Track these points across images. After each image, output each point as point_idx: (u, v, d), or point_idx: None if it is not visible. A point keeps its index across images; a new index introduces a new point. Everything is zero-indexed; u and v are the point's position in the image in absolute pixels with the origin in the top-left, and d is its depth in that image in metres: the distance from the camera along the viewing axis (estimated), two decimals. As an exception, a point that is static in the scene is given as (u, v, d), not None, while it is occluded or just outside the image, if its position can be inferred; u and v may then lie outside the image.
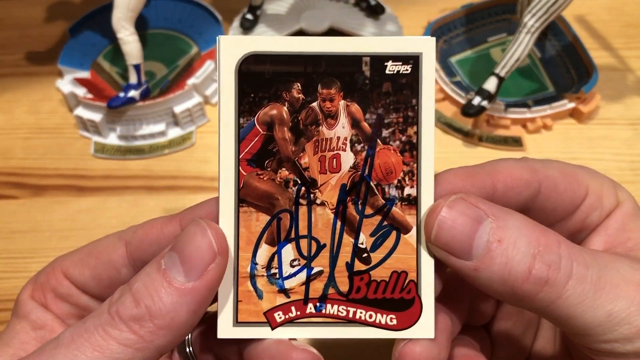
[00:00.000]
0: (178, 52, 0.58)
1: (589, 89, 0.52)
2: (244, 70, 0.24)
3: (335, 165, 0.25)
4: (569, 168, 0.26)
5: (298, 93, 0.24)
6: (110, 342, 0.21)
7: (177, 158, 0.52)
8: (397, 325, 0.24)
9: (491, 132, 0.52)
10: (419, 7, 0.63)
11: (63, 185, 0.50)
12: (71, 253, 0.28)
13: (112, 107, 0.50)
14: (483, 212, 0.23)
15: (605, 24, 0.61)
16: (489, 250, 0.22)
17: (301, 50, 0.24)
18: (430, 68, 0.24)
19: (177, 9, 0.61)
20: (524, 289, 0.22)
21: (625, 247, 0.25)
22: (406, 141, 0.24)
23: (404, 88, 0.24)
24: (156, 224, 0.27)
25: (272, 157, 0.25)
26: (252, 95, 0.24)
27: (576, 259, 0.23)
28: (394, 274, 0.24)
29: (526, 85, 0.55)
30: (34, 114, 0.55)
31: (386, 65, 0.24)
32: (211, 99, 0.55)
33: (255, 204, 0.24)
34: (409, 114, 0.24)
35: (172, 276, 0.22)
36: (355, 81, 0.24)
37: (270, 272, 0.25)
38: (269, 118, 0.24)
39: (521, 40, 0.48)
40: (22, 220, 0.48)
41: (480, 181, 0.25)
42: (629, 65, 0.57)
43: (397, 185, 0.25)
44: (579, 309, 0.22)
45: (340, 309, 0.25)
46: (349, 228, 0.25)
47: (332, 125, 0.24)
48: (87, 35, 0.59)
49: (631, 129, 0.52)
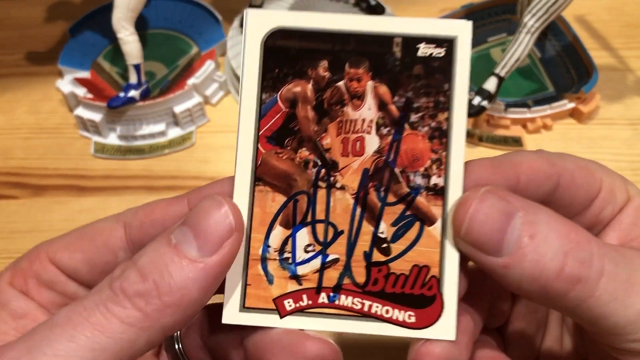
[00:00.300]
0: (178, 52, 0.58)
1: (589, 89, 0.52)
2: (269, 45, 0.23)
3: (358, 148, 0.24)
4: (583, 162, 0.26)
5: (324, 71, 0.23)
6: (113, 320, 0.20)
7: (177, 158, 0.52)
8: (415, 323, 0.23)
9: (491, 132, 0.52)
10: (419, 7, 0.63)
11: (63, 185, 0.50)
12: (59, 237, 0.25)
13: (112, 107, 0.50)
14: (513, 206, 0.22)
15: (605, 24, 0.61)
16: (520, 247, 0.21)
17: (330, 27, 0.23)
18: (465, 53, 0.23)
19: (177, 9, 0.61)
20: (555, 288, 0.21)
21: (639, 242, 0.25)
22: (436, 127, 0.23)
23: (436, 72, 0.23)
24: (160, 204, 0.25)
25: (292, 135, 0.24)
26: (277, 70, 0.23)
27: (606, 255, 0.22)
28: (414, 267, 0.23)
29: (526, 85, 0.55)
30: (34, 114, 0.55)
31: (418, 47, 0.23)
32: (211, 99, 0.55)
33: (272, 184, 0.23)
34: (440, 99, 0.23)
35: (184, 251, 0.21)
36: (385, 62, 0.23)
37: (282, 256, 0.23)
38: (292, 95, 0.23)
39: (521, 40, 0.48)
40: (22, 220, 0.48)
41: (505, 173, 0.23)
42: (629, 65, 0.57)
43: (424, 174, 0.23)
44: (610, 307, 0.21)
45: (354, 301, 0.23)
46: (369, 215, 0.23)
47: (358, 106, 0.23)
48: (87, 35, 0.59)
49: (631, 129, 0.52)
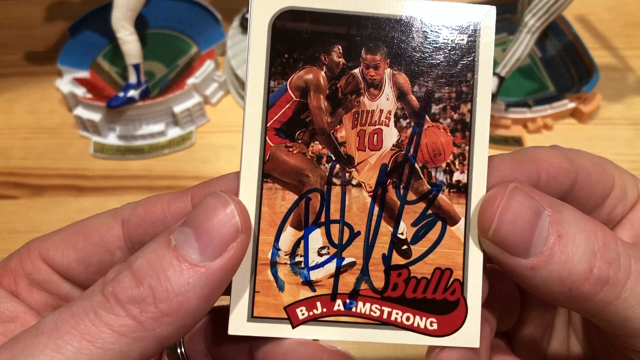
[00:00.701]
0: (178, 51, 0.58)
1: (589, 89, 0.52)
2: (278, 27, 0.21)
3: (375, 142, 0.22)
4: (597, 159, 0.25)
5: (339, 57, 0.21)
6: (103, 329, 0.18)
7: (177, 158, 0.52)
8: (437, 330, 0.21)
9: (492, 132, 0.52)
10: (419, 6, 0.63)
11: (62, 185, 0.50)
12: (51, 234, 0.23)
13: (111, 107, 0.50)
14: (540, 204, 0.20)
15: (606, 23, 0.61)
16: (548, 247, 0.20)
17: (346, 9, 0.21)
18: (489, 40, 0.21)
19: (177, 8, 0.61)
20: (583, 290, 0.20)
21: None
22: (458, 120, 0.22)
23: (459, 60, 0.21)
24: (161, 199, 0.23)
25: (304, 127, 0.22)
26: (287, 55, 0.21)
27: (632, 255, 0.21)
28: (437, 270, 0.21)
29: (527, 85, 0.55)
30: (34, 113, 0.55)
31: (440, 33, 0.21)
32: (211, 98, 0.55)
33: (282, 180, 0.21)
34: (462, 89, 0.21)
35: (185, 253, 0.19)
36: (404, 49, 0.21)
37: (294, 260, 0.21)
38: (303, 83, 0.21)
39: (522, 40, 0.48)
40: (22, 220, 0.48)
41: (527, 169, 0.22)
42: (630, 65, 0.57)
43: (446, 169, 0.22)
44: (637, 309, 0.20)
45: (373, 308, 0.21)
46: (387, 215, 0.22)
47: (375, 96, 0.22)
48: (87, 35, 0.59)
49: (632, 129, 0.52)
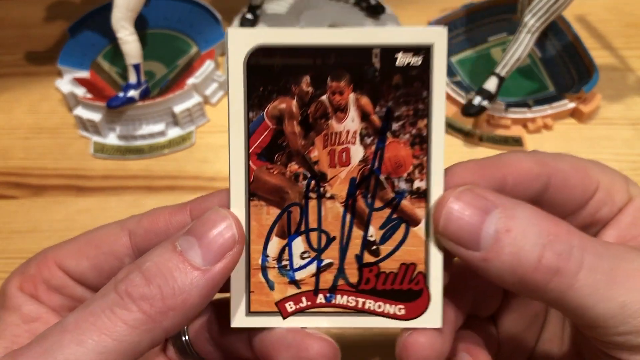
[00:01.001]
0: (178, 51, 0.58)
1: (589, 89, 0.52)
2: (252, 64, 0.24)
3: (344, 159, 0.25)
4: (580, 162, 0.26)
5: (307, 86, 0.24)
6: (118, 324, 0.21)
7: (177, 158, 0.52)
8: (405, 315, 0.25)
9: (492, 132, 0.52)
10: (419, 6, 0.63)
11: (62, 185, 0.50)
12: (65, 243, 0.27)
13: (111, 107, 0.50)
14: (491, 203, 0.23)
15: (606, 23, 0.61)
16: (498, 240, 0.22)
17: (310, 42, 0.23)
18: (441, 59, 0.23)
19: (177, 8, 0.61)
20: (534, 279, 0.22)
21: (638, 241, 0.25)
22: (416, 134, 0.24)
23: (415, 80, 0.24)
24: (163, 212, 0.26)
25: (281, 151, 0.25)
26: (261, 88, 0.24)
27: (588, 249, 0.22)
28: (402, 265, 0.25)
29: (527, 85, 0.55)
30: (34, 113, 0.55)
31: (396, 57, 0.23)
32: (211, 98, 0.55)
33: (266, 198, 0.25)
34: (419, 106, 0.24)
35: (190, 258, 0.22)
36: (365, 73, 0.24)
37: (281, 264, 0.25)
38: (278, 112, 0.24)
39: (522, 40, 0.48)
40: (22, 220, 0.48)
41: (490, 174, 0.24)
42: (630, 65, 0.57)
43: (407, 179, 0.24)
44: (591, 299, 0.22)
45: (349, 299, 0.25)
46: (358, 221, 0.25)
47: (341, 118, 0.24)
48: (87, 35, 0.59)
49: (632, 129, 0.52)
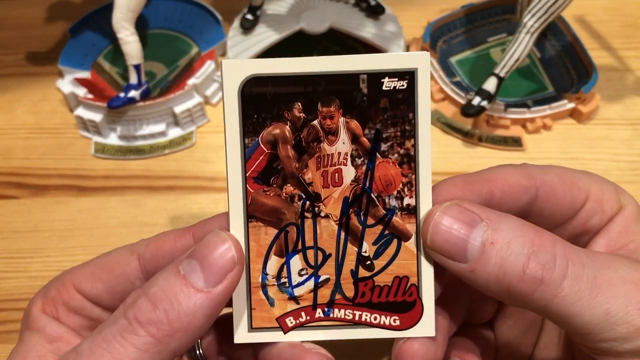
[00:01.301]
0: (178, 52, 0.58)
1: (588, 89, 0.52)
2: (246, 93, 0.25)
3: (337, 180, 0.26)
4: (569, 173, 0.27)
5: (299, 112, 0.25)
6: (129, 349, 0.22)
7: (177, 158, 0.52)
8: (400, 325, 0.26)
9: (491, 132, 0.52)
10: (419, 7, 0.63)
11: (63, 185, 0.50)
12: (81, 267, 0.28)
13: (112, 107, 0.51)
14: (477, 216, 0.24)
15: (605, 24, 0.61)
16: (483, 252, 0.23)
17: (300, 70, 0.25)
18: (425, 82, 0.25)
19: (178, 9, 0.61)
20: (520, 289, 0.23)
21: (628, 249, 0.26)
22: (404, 154, 0.25)
23: (401, 103, 0.25)
24: (169, 237, 0.27)
25: (277, 174, 0.26)
26: (256, 116, 0.25)
27: (571, 258, 0.23)
28: (396, 279, 0.26)
29: (526, 85, 0.55)
30: (35, 114, 0.55)
31: (383, 81, 0.25)
32: (211, 99, 0.55)
33: (264, 219, 0.26)
34: (406, 127, 0.25)
35: (192, 281, 0.23)
36: (354, 98, 0.25)
37: (280, 282, 0.26)
38: (272, 137, 0.25)
39: (521, 41, 0.48)
40: (23, 220, 0.48)
41: (477, 189, 0.25)
42: (629, 66, 0.57)
43: (397, 196, 0.26)
44: (576, 307, 0.22)
45: (347, 313, 0.26)
46: (352, 238, 0.26)
47: (332, 141, 0.25)
48: (88, 35, 0.59)
49: (631, 129, 0.52)
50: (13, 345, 0.27)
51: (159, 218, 0.48)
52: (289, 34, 0.56)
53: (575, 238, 0.27)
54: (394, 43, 0.56)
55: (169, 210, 0.48)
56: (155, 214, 0.48)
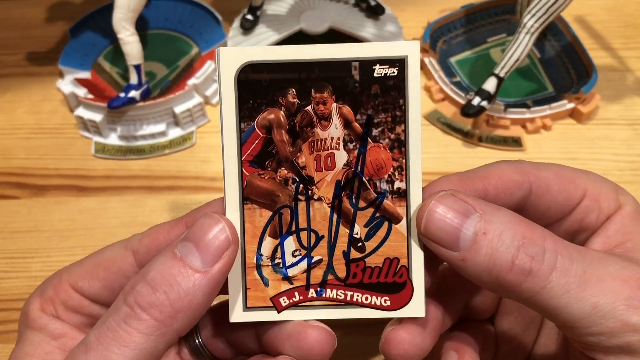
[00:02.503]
0: (178, 52, 0.58)
1: (588, 90, 0.52)
2: (242, 79, 0.26)
3: (330, 164, 0.26)
4: (566, 171, 0.27)
5: (293, 98, 0.26)
6: (134, 334, 0.22)
7: (178, 158, 0.52)
8: (390, 306, 0.27)
9: (491, 132, 0.52)
10: (419, 7, 0.63)
11: (64, 185, 0.50)
12: (76, 266, 0.28)
13: (112, 107, 0.51)
14: (471, 207, 0.24)
15: (605, 24, 0.61)
16: (475, 242, 0.24)
17: (295, 58, 0.25)
18: (415, 69, 0.26)
19: (178, 9, 0.61)
20: (508, 279, 0.23)
21: (624, 247, 0.26)
22: (395, 139, 0.26)
23: (392, 89, 0.26)
24: (162, 229, 0.28)
25: (271, 157, 0.26)
26: (251, 101, 0.26)
27: (561, 252, 0.23)
28: (386, 260, 0.26)
29: (526, 85, 0.55)
30: (35, 114, 0.56)
31: (374, 68, 0.26)
32: (211, 99, 0.55)
33: (258, 201, 0.26)
34: (396, 113, 0.26)
35: (190, 262, 0.24)
36: (346, 85, 0.26)
37: (274, 262, 0.27)
38: (267, 122, 0.26)
39: (521, 41, 0.48)
40: (23, 220, 0.48)
41: (472, 186, 0.26)
42: (629, 66, 0.57)
43: (388, 180, 0.26)
44: (563, 300, 0.23)
45: (338, 293, 0.27)
46: (344, 220, 0.27)
47: (325, 126, 0.26)
48: (88, 35, 0.59)
49: (630, 129, 0.52)
50: (13, 345, 0.27)
51: (159, 218, 0.48)
52: (289, 34, 0.56)
53: (572, 235, 0.28)
54: (394, 43, 0.56)
55: (169, 210, 0.48)
56: (156, 214, 0.48)
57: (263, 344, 0.28)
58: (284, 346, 0.26)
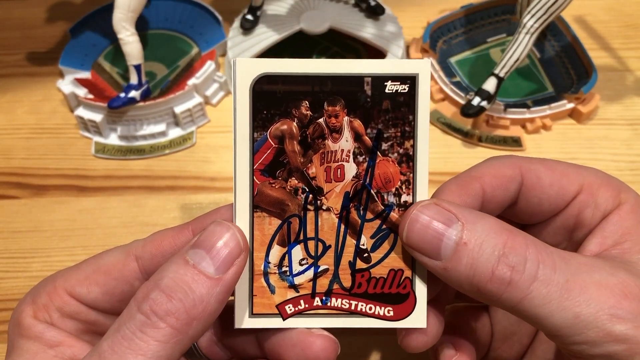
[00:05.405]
0: (178, 52, 0.58)
1: (588, 90, 0.52)
2: (257, 90, 0.26)
3: (339, 175, 0.27)
4: (559, 164, 0.27)
5: (306, 110, 0.26)
6: (151, 343, 0.22)
7: (178, 158, 0.52)
8: (393, 316, 0.27)
9: (490, 132, 0.52)
10: (419, 7, 0.63)
11: (64, 185, 0.50)
12: (72, 271, 0.28)
13: (112, 107, 0.51)
14: (454, 216, 0.24)
15: (605, 24, 0.61)
16: (456, 252, 0.24)
17: (309, 71, 0.26)
18: (425, 87, 0.26)
19: (178, 9, 0.61)
20: (489, 289, 0.23)
21: (622, 247, 0.25)
22: (403, 153, 0.27)
23: (402, 105, 0.26)
24: (166, 235, 0.28)
25: (283, 167, 0.27)
26: (265, 112, 0.26)
27: (543, 261, 0.23)
28: (391, 271, 0.27)
29: (525, 85, 0.55)
30: (35, 114, 0.56)
31: (386, 84, 0.26)
32: (211, 99, 0.55)
33: (268, 210, 0.27)
34: (406, 128, 0.27)
35: (203, 269, 0.23)
36: (358, 99, 0.26)
37: (281, 270, 0.27)
38: (280, 132, 0.27)
39: (520, 41, 0.48)
40: (23, 220, 0.48)
41: (469, 190, 0.27)
42: (628, 66, 0.57)
43: (395, 193, 0.27)
44: (545, 309, 0.23)
45: (343, 302, 0.27)
46: (351, 231, 0.27)
47: (336, 139, 0.27)
48: (88, 35, 0.59)
49: (630, 130, 0.52)
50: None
51: (159, 218, 0.48)
52: (289, 34, 0.56)
53: (569, 232, 0.27)
54: (394, 43, 0.56)
55: (169, 210, 0.48)
56: (156, 214, 0.48)
57: (266, 351, 0.28)
58: (289, 354, 0.27)
